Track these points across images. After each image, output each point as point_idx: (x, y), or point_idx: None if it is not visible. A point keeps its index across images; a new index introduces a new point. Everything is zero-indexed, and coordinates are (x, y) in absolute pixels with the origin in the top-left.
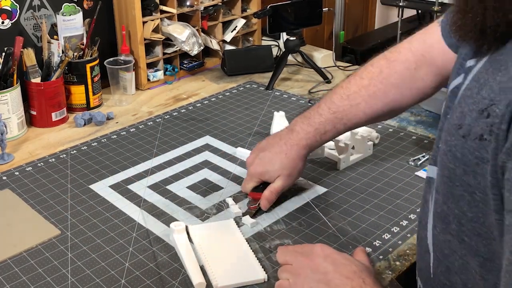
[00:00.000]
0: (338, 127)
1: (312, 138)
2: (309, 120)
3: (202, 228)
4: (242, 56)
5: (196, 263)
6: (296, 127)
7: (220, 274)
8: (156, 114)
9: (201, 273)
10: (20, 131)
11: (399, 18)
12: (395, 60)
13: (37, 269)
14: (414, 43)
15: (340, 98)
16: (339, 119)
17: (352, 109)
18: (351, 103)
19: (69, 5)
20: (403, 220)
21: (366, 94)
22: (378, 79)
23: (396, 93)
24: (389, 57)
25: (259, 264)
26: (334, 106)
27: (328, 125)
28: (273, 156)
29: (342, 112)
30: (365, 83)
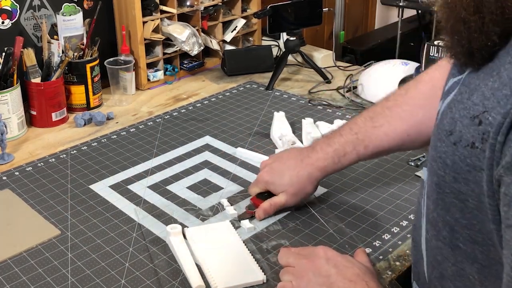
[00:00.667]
0: (359, 150)
1: (330, 160)
2: (329, 140)
3: (198, 230)
4: (242, 56)
5: (194, 265)
6: (316, 147)
7: (219, 276)
8: (156, 114)
9: (199, 275)
10: (20, 131)
11: (399, 18)
12: (421, 80)
13: (37, 269)
14: (440, 62)
15: (363, 119)
16: (361, 140)
17: (374, 131)
18: (374, 124)
19: (69, 5)
20: (403, 220)
21: (389, 115)
22: (403, 100)
23: (423, 114)
24: (417, 78)
25: (257, 265)
26: (356, 127)
27: (348, 146)
28: (284, 170)
29: (364, 133)
30: (389, 104)
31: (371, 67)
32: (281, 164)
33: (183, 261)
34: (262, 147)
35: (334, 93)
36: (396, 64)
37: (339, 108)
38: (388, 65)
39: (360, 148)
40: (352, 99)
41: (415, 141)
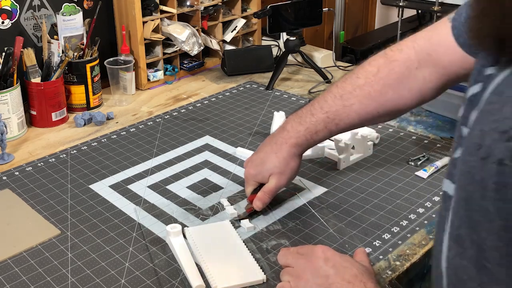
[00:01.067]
0: (330, 127)
1: (302, 138)
2: (301, 118)
3: (198, 229)
4: (242, 56)
5: (193, 265)
6: (287, 126)
7: (219, 276)
8: (156, 114)
9: (199, 275)
10: (20, 131)
11: (399, 18)
12: (395, 59)
13: (37, 269)
14: (418, 41)
15: (333, 97)
16: (331, 119)
17: (345, 110)
18: (344, 103)
19: (69, 5)
20: (403, 220)
21: (360, 94)
22: (375, 79)
23: (393, 94)
24: (390, 55)
25: (257, 265)
26: (326, 105)
27: (319, 125)
28: (263, 156)
29: (335, 112)
30: (360, 82)
31: None
32: (260, 153)
33: (183, 261)
34: None
35: None
36: None
37: None
38: None
39: (331, 126)
40: None
41: (384, 117)
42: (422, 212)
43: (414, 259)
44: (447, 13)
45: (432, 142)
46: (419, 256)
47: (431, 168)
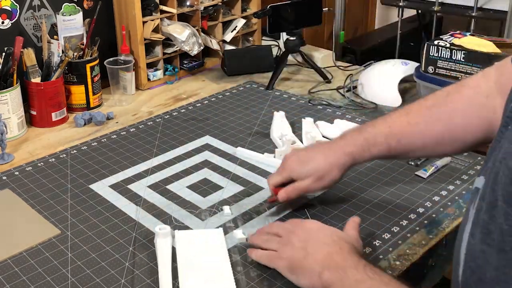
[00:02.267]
0: (390, 142)
1: (358, 147)
2: (361, 129)
3: (188, 234)
4: (242, 56)
5: (169, 273)
6: (346, 135)
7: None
8: (156, 114)
9: (170, 284)
10: (20, 131)
11: (399, 18)
12: (465, 84)
13: (37, 269)
14: (487, 71)
15: (399, 114)
16: (393, 134)
17: (410, 127)
18: (409, 120)
19: (69, 5)
20: (403, 220)
21: (427, 114)
22: (444, 101)
23: (462, 120)
24: (460, 82)
25: (233, 280)
26: (390, 120)
27: (379, 137)
28: (311, 156)
29: (399, 128)
30: (428, 104)
31: (371, 67)
32: (308, 152)
33: (160, 266)
34: (262, 147)
35: (334, 93)
36: (396, 64)
37: (339, 108)
38: (388, 65)
39: (392, 141)
40: (352, 99)
41: (449, 146)
42: (422, 212)
43: (414, 259)
44: (447, 14)
45: None
46: (419, 256)
47: (431, 168)
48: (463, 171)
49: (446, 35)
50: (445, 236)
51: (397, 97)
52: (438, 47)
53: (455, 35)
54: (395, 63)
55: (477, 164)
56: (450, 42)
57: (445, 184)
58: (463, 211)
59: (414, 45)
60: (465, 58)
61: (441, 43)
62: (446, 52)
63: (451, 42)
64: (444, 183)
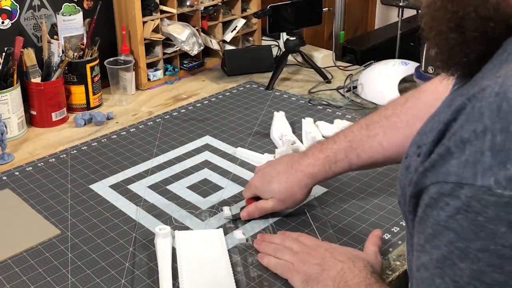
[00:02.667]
0: (351, 158)
1: (320, 166)
2: (322, 146)
3: (188, 235)
4: (242, 56)
5: (169, 273)
6: (308, 152)
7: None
8: (156, 114)
9: (170, 284)
10: (20, 131)
11: (399, 18)
12: (424, 89)
13: (37, 269)
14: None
15: (359, 127)
16: (353, 148)
17: (369, 140)
18: (368, 133)
19: (69, 5)
20: (403, 220)
21: (386, 124)
22: (402, 109)
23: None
24: (421, 87)
25: (233, 280)
26: (351, 134)
27: (340, 154)
28: (274, 176)
29: (358, 142)
30: (388, 113)
31: (371, 67)
32: (272, 170)
33: (161, 266)
34: (262, 147)
35: (334, 93)
36: (396, 64)
37: (339, 108)
38: (388, 65)
39: (352, 156)
40: (352, 99)
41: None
42: None
43: None
44: None
45: None
46: None
47: None
48: None
49: None
50: None
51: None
52: None
53: None
54: (395, 63)
55: None
56: None
57: None
58: None
59: (414, 45)
60: None
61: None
62: None
63: None
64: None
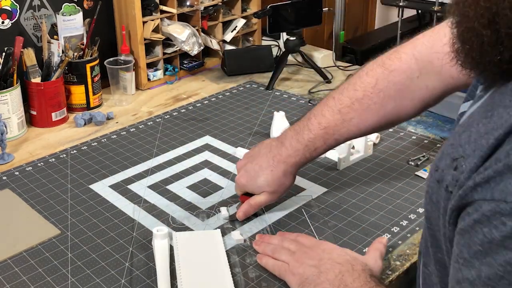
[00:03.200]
0: (329, 143)
1: (301, 156)
2: (298, 135)
3: (185, 236)
4: (242, 56)
5: (167, 274)
6: (285, 142)
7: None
8: (156, 114)
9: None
10: (20, 131)
11: (399, 18)
12: (394, 69)
13: (37, 269)
14: (418, 47)
15: (331, 111)
16: (330, 134)
17: (345, 124)
18: (343, 117)
19: (69, 5)
20: (403, 220)
21: (359, 108)
22: (374, 91)
23: (394, 106)
24: (388, 64)
25: (231, 281)
26: (324, 120)
27: (318, 141)
28: (258, 170)
29: (334, 128)
30: (358, 95)
31: None
32: (254, 165)
33: (158, 267)
34: None
35: None
36: None
37: None
38: None
39: (330, 141)
40: None
41: (384, 127)
42: (422, 212)
43: (414, 259)
44: None
45: (432, 142)
46: None
47: None
48: None
49: None
50: None
51: None
52: None
53: None
54: None
55: None
56: None
57: None
58: None
59: None
60: None
61: (452, 44)
62: None
63: None
64: None
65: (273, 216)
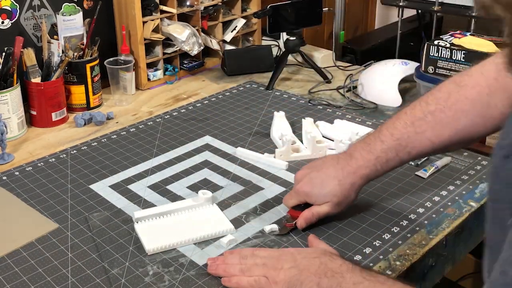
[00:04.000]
0: (402, 156)
1: (372, 167)
2: (369, 146)
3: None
4: (242, 56)
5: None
6: (355, 153)
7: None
8: (156, 114)
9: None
10: (20, 131)
11: (399, 18)
12: (465, 84)
13: (37, 269)
14: (486, 66)
15: (403, 124)
16: (403, 146)
17: (418, 137)
18: (416, 130)
19: (69, 5)
20: (403, 220)
21: (432, 120)
22: (446, 105)
23: (466, 121)
24: (459, 81)
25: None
26: (397, 132)
27: (390, 152)
28: (325, 179)
29: (407, 140)
30: (431, 108)
31: (371, 67)
32: (320, 174)
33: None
34: (262, 147)
35: (334, 93)
36: (396, 64)
37: (339, 108)
38: (388, 65)
39: (402, 154)
40: (352, 99)
41: (456, 145)
42: (422, 212)
43: (414, 259)
44: (447, 14)
45: None
46: (419, 256)
47: (431, 168)
48: (463, 171)
49: (446, 35)
50: (445, 236)
51: (397, 97)
52: (438, 47)
53: (455, 35)
54: (395, 63)
55: (477, 164)
56: (450, 42)
57: (445, 184)
58: (463, 211)
59: (414, 45)
60: (465, 58)
61: (441, 43)
62: (446, 52)
63: (451, 42)
64: (444, 183)
65: (270, 218)
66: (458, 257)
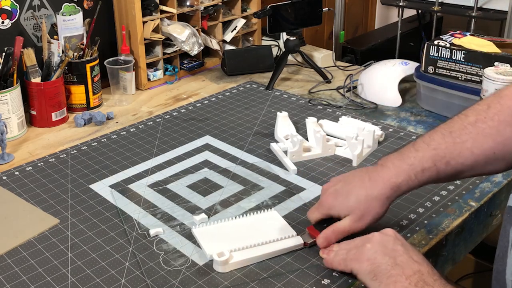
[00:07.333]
0: (439, 166)
1: (404, 176)
2: (403, 155)
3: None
4: (242, 56)
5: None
6: (387, 163)
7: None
8: (156, 114)
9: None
10: (20, 131)
11: (399, 18)
12: (505, 94)
13: (37, 269)
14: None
15: (441, 135)
16: (441, 156)
17: (457, 147)
18: (455, 140)
19: (69, 5)
20: (403, 220)
21: (473, 131)
22: (487, 115)
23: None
24: (498, 92)
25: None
26: (434, 142)
27: (426, 162)
28: (350, 190)
29: (445, 150)
30: (471, 119)
31: (371, 67)
32: (346, 185)
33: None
34: (262, 146)
35: (334, 93)
36: (396, 64)
37: (339, 108)
38: (388, 65)
39: (440, 164)
40: (352, 99)
41: (500, 161)
42: (422, 212)
43: None
44: (447, 14)
45: None
46: None
47: None
48: None
49: (446, 35)
50: (445, 236)
51: (397, 97)
52: (438, 47)
53: (455, 35)
54: (395, 63)
55: None
56: (450, 42)
57: (445, 184)
58: (463, 211)
59: (414, 45)
60: (465, 58)
61: (441, 43)
62: (446, 52)
63: (451, 42)
64: (444, 183)
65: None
66: (458, 257)
